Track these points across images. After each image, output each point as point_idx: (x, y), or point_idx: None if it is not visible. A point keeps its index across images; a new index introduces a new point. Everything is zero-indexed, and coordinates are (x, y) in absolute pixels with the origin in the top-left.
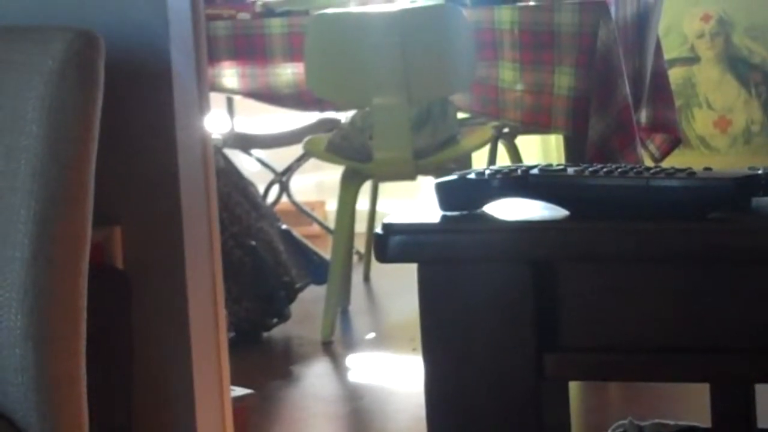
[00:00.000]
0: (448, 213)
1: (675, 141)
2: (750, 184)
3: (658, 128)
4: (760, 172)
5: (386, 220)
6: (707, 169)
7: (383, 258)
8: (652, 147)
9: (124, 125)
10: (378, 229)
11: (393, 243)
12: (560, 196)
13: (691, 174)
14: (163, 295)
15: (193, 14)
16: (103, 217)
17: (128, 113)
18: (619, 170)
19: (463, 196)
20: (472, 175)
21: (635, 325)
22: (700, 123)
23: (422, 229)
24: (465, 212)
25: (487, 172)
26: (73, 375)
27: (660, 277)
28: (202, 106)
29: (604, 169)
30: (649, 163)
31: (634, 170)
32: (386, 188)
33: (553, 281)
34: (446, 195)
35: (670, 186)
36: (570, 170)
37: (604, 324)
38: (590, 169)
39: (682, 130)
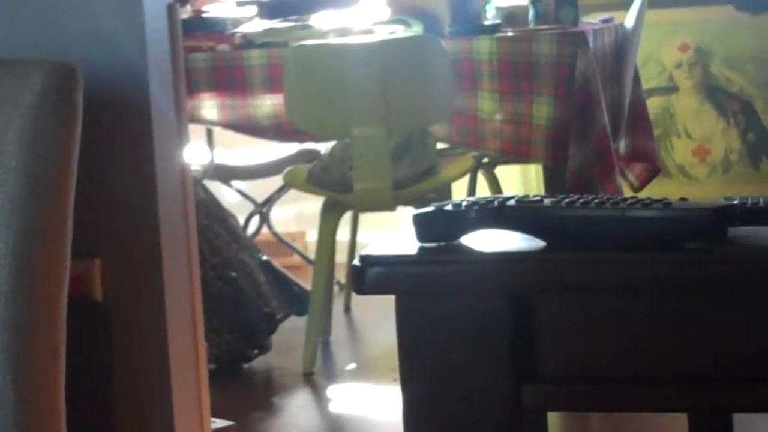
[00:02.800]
0: (426, 244)
1: (654, 170)
2: (725, 215)
3: (637, 157)
4: (735, 202)
5: (363, 252)
6: (683, 199)
7: (361, 290)
8: (631, 176)
9: (103, 157)
10: (355, 261)
11: (370, 274)
12: (537, 227)
13: (666, 204)
14: (143, 327)
15: (172, 46)
16: (82, 249)
17: (107, 145)
18: (596, 201)
19: (440, 227)
20: (449, 207)
21: (613, 355)
22: (678, 152)
23: (399, 260)
24: (442, 244)
25: (464, 203)
26: (53, 409)
27: (637, 308)
28: (181, 137)
29: (581, 200)
30: (628, 192)
31: (611, 201)
32: (367, 219)
33: (530, 312)
34: (424, 226)
35: (646, 217)
36: (547, 201)
37: (582, 354)
38: (567, 200)
39: (661, 160)
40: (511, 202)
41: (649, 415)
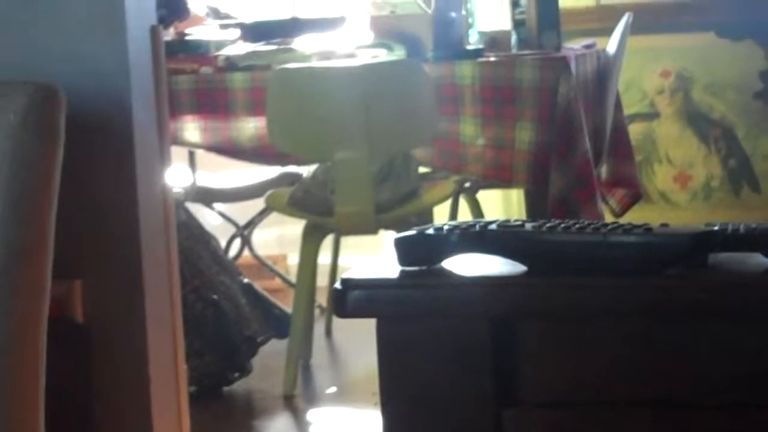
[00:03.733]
0: (407, 268)
1: (635, 196)
2: (706, 241)
3: (619, 183)
4: (716, 228)
5: (345, 275)
6: (664, 225)
7: (342, 313)
8: (612, 202)
9: (85, 179)
10: (337, 284)
11: (351, 298)
12: (518, 251)
13: (647, 230)
14: (124, 349)
15: (155, 68)
16: (62, 271)
17: (89, 167)
18: (577, 226)
19: (421, 251)
20: (430, 231)
21: (594, 380)
22: (660, 178)
23: (380, 284)
24: (424, 268)
25: (446, 227)
26: (32, 429)
27: (618, 332)
28: (164, 159)
29: (562, 225)
30: (609, 217)
31: (592, 226)
32: (349, 242)
33: (511, 336)
34: (405, 250)
35: (627, 242)
36: (528, 226)
37: (562, 379)
38: (548, 224)
39: (643, 185)
40: (493, 227)
41: None
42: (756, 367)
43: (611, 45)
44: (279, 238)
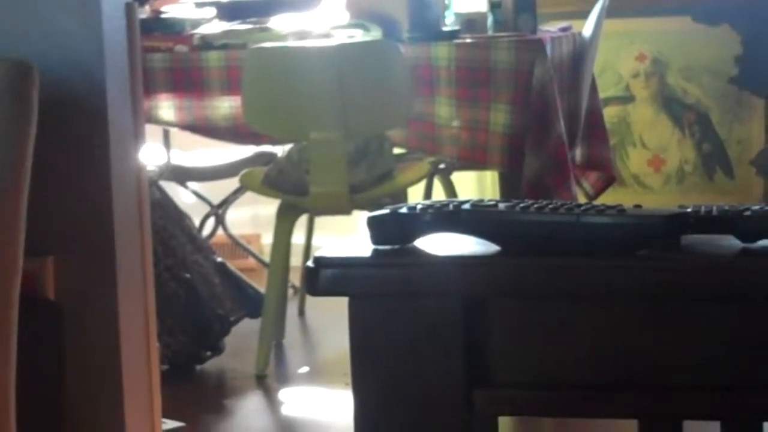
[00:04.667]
0: (380, 247)
1: (609, 179)
2: (679, 222)
3: (593, 166)
4: (689, 210)
5: (318, 253)
6: (637, 206)
7: (314, 291)
8: (586, 185)
9: (58, 156)
10: (309, 262)
11: (324, 276)
12: (491, 231)
13: (621, 211)
14: (95, 326)
15: (130, 46)
16: (35, 247)
17: (62, 144)
18: (550, 207)
19: (394, 230)
20: (404, 210)
21: (565, 361)
22: (634, 161)
23: (353, 262)
24: (396, 246)
25: (419, 206)
26: (2, 406)
27: (589, 314)
28: (137, 137)
29: (535, 206)
30: (583, 200)
31: (565, 206)
32: (322, 223)
33: (483, 316)
34: (378, 229)
35: (600, 223)
36: (501, 206)
37: (534, 360)
38: (521, 205)
39: (617, 169)
40: (466, 206)
41: (600, 421)
42: (729, 349)
43: (587, 28)
44: (253, 217)
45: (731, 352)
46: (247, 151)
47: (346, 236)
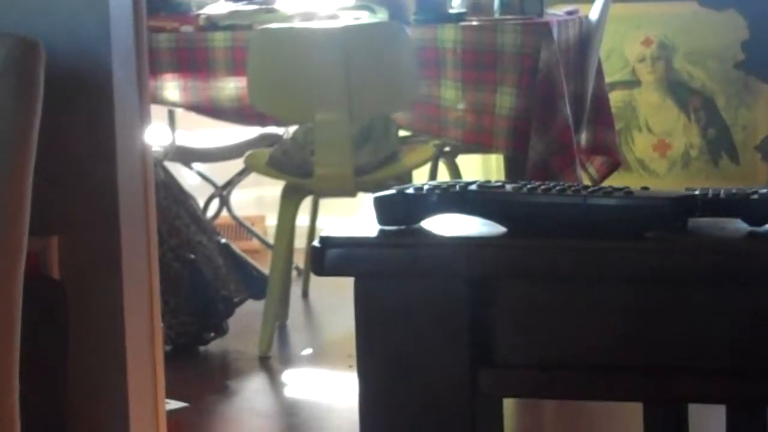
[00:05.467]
0: (386, 227)
1: (614, 163)
2: (686, 205)
3: (598, 150)
4: (696, 192)
5: (324, 233)
6: (644, 188)
7: (320, 271)
8: (591, 169)
9: (64, 135)
10: (315, 242)
11: (330, 256)
12: (498, 212)
13: (628, 193)
14: (99, 306)
15: (136, 26)
16: (40, 226)
17: (68, 123)
18: (557, 188)
19: (401, 210)
20: (410, 190)
21: (570, 342)
22: (639, 146)
23: (359, 242)
24: (403, 227)
25: (426, 187)
26: (6, 385)
27: (595, 296)
28: (143, 118)
29: (542, 187)
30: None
31: (572, 188)
32: (327, 205)
33: (489, 297)
34: (384, 209)
35: (607, 204)
36: (508, 187)
37: (539, 341)
38: (528, 186)
39: (622, 153)
40: (473, 187)
41: (604, 403)
42: (735, 331)
43: (593, 12)
44: (258, 199)
45: (737, 335)
46: (252, 132)
47: (350, 218)
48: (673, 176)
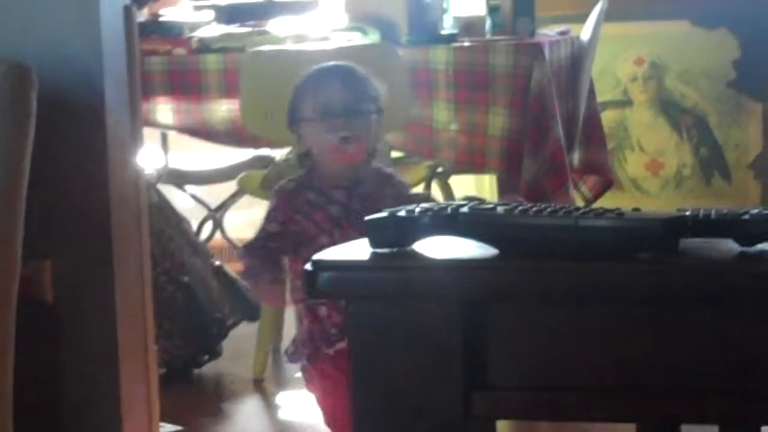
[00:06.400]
0: (379, 250)
1: (607, 183)
2: (678, 226)
3: (591, 170)
4: (687, 213)
5: (316, 256)
6: (636, 209)
7: (313, 294)
8: (584, 189)
9: (56, 158)
10: (308, 265)
11: (322, 279)
12: (490, 234)
13: (619, 215)
14: (93, 330)
15: (128, 49)
16: (33, 250)
17: (60, 146)
18: (549, 210)
19: (393, 233)
20: (402, 213)
21: (564, 364)
22: (632, 165)
23: (351, 265)
24: (395, 249)
25: (418, 209)
26: (1, 411)
27: (588, 317)
28: (135, 140)
29: (534, 209)
30: (581, 204)
31: (564, 210)
32: None
33: (482, 319)
34: (376, 232)
35: (598, 226)
36: (500, 209)
37: (532, 363)
38: (520, 208)
39: (615, 173)
40: (465, 210)
41: (599, 425)
42: (728, 352)
43: (585, 32)
44: (251, 221)
45: (730, 356)
46: (245, 154)
47: None
48: (665, 195)
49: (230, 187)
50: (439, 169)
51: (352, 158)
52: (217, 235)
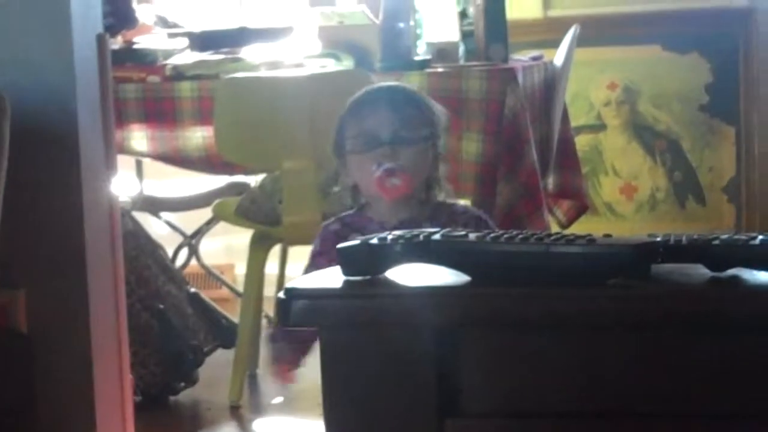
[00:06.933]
0: (351, 278)
1: (582, 207)
2: (649, 251)
3: (565, 195)
4: (658, 239)
5: (289, 285)
6: (607, 235)
7: (285, 322)
8: (559, 213)
9: (30, 187)
10: (280, 294)
11: (295, 307)
12: (462, 261)
13: (590, 241)
14: (67, 359)
15: (101, 76)
16: (6, 280)
17: (34, 175)
18: (520, 237)
19: (365, 261)
20: (374, 240)
21: (537, 390)
22: (606, 189)
23: (324, 293)
24: (367, 277)
25: (390, 237)
26: None
27: (561, 343)
28: (110, 167)
29: (505, 236)
30: (556, 229)
31: (535, 237)
32: (296, 252)
33: (454, 347)
34: (349, 260)
35: (570, 252)
36: (471, 236)
37: (505, 389)
38: (491, 235)
39: (589, 197)
40: (437, 237)
41: None
42: (699, 376)
43: (558, 57)
44: (226, 247)
45: (702, 380)
46: (220, 181)
47: None
48: (640, 219)
49: (205, 213)
50: None
51: (397, 192)
52: (193, 261)
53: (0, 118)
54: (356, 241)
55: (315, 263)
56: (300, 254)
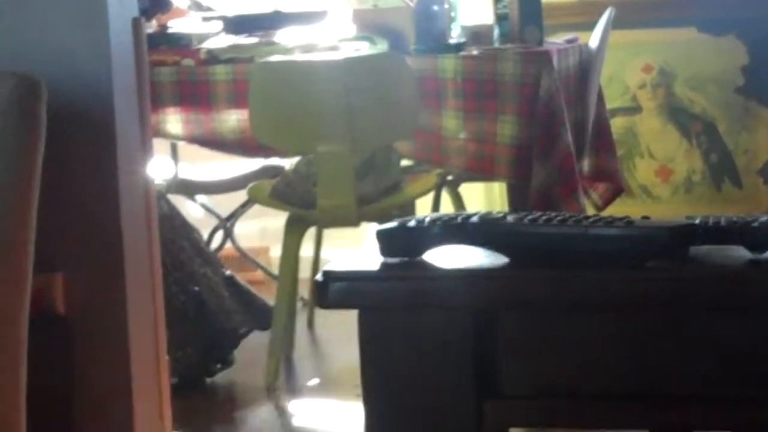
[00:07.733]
0: (389, 260)
1: (617, 190)
2: (687, 233)
3: (601, 177)
4: (696, 221)
5: (327, 267)
6: (645, 217)
7: (324, 304)
8: (594, 196)
9: (66, 171)
10: (318, 276)
11: (333, 289)
12: (500, 243)
13: (629, 223)
14: (105, 341)
15: (137, 60)
16: (44, 263)
17: (70, 159)
18: (558, 218)
19: (403, 243)
20: (412, 223)
21: (575, 372)
22: (641, 172)
23: (362, 275)
24: (405, 259)
25: (428, 219)
26: (14, 422)
27: (599, 325)
28: (145, 151)
29: (543, 218)
30: (591, 211)
31: (573, 219)
32: (330, 235)
33: (492, 329)
34: (387, 242)
35: (608, 234)
36: (509, 218)
37: (544, 371)
38: (529, 217)
39: (624, 179)
40: (474, 219)
41: None
42: (739, 358)
43: (593, 39)
44: (261, 230)
45: (741, 363)
46: (255, 164)
47: (354, 248)
48: (676, 201)
49: (240, 196)
50: (450, 177)
51: None
52: (228, 244)
53: (36, 102)
54: (394, 224)
55: None
56: (335, 236)
